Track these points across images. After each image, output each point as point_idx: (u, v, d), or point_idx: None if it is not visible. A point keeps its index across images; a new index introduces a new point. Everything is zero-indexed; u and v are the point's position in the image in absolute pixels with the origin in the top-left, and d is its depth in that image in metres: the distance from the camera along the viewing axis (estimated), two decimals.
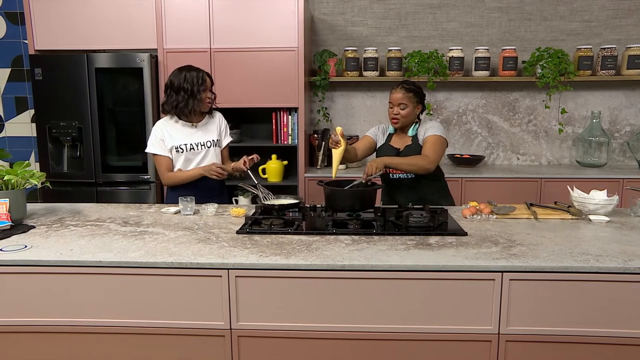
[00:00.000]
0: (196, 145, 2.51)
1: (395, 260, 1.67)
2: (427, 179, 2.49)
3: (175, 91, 2.45)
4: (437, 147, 2.40)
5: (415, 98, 2.46)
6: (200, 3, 3.41)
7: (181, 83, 2.44)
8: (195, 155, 2.52)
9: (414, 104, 2.46)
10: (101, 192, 3.55)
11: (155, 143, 2.50)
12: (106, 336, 1.74)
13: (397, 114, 2.45)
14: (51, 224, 2.14)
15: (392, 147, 2.54)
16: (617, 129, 3.93)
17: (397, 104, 2.45)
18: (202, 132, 2.55)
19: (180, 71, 2.47)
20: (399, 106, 2.44)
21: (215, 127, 2.61)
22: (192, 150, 2.50)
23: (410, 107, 2.45)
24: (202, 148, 2.53)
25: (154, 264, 1.68)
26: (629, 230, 2.03)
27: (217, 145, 2.59)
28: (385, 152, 2.54)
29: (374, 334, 1.69)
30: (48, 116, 3.47)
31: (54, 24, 3.49)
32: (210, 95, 2.52)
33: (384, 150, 2.56)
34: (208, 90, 2.50)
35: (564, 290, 1.64)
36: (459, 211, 2.34)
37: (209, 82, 2.50)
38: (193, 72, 2.46)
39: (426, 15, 3.88)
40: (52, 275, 1.71)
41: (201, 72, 2.48)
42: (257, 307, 1.70)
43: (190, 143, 2.50)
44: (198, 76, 2.45)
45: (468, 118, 3.99)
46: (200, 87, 2.45)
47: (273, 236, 1.94)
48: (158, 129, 2.50)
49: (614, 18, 3.79)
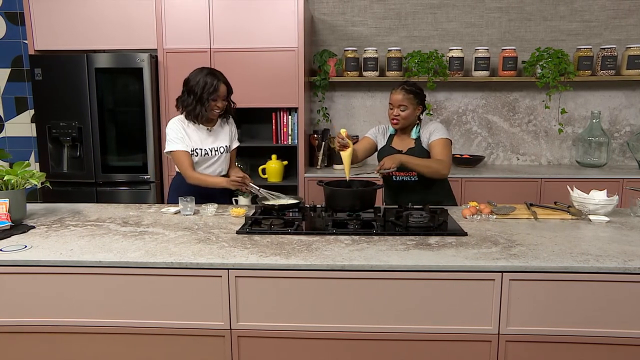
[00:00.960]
0: (210, 151, 2.49)
1: (395, 260, 1.67)
2: (431, 181, 2.48)
3: (187, 91, 2.42)
4: (448, 151, 2.43)
5: (416, 99, 2.45)
6: (200, 3, 3.41)
7: (194, 85, 2.39)
8: (208, 160, 2.51)
9: (414, 106, 2.45)
10: (101, 192, 3.55)
11: (176, 140, 2.43)
12: (106, 336, 1.74)
13: (397, 115, 2.45)
14: (51, 224, 2.14)
15: (394, 148, 2.53)
16: (617, 129, 3.93)
17: (397, 105, 2.44)
18: (215, 137, 2.52)
19: (199, 72, 2.41)
20: (399, 107, 2.44)
21: (228, 132, 2.59)
22: (206, 155, 2.49)
23: (410, 108, 2.44)
24: (215, 153, 2.51)
25: (154, 264, 1.68)
26: (629, 230, 2.03)
27: (227, 151, 2.59)
28: (387, 153, 2.52)
29: (374, 334, 1.69)
30: (48, 116, 3.47)
31: (54, 24, 3.49)
32: (221, 104, 2.43)
33: (386, 151, 2.54)
34: (220, 99, 2.41)
35: (564, 290, 1.64)
36: (459, 211, 2.34)
37: (222, 91, 2.41)
38: (209, 77, 2.38)
39: (426, 16, 3.88)
40: (52, 275, 1.71)
41: (216, 81, 2.39)
42: (257, 307, 1.70)
43: (205, 148, 2.47)
44: (211, 84, 2.37)
45: (468, 118, 3.99)
46: (211, 95, 2.38)
47: (273, 236, 1.94)
48: (176, 127, 2.44)
49: (614, 18, 3.80)
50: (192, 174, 2.42)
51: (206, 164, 2.51)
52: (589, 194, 2.29)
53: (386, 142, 2.59)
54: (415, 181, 2.48)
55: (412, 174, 2.47)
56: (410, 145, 2.50)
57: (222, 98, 2.43)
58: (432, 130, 2.47)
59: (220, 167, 2.57)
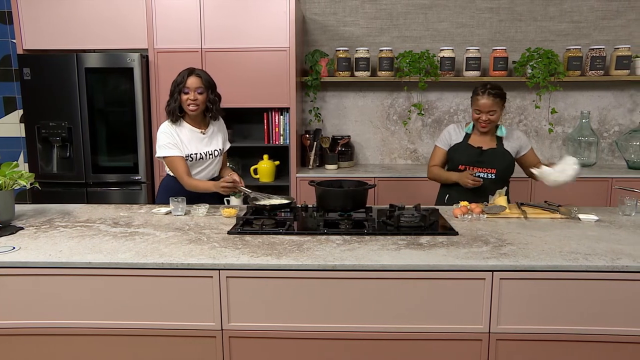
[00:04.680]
0: (205, 155, 2.47)
1: (386, 260, 1.67)
2: (501, 180, 2.53)
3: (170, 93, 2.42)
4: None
5: (502, 101, 2.49)
6: (191, 3, 3.40)
7: (172, 84, 2.40)
8: (202, 164, 2.49)
9: (501, 108, 2.49)
10: (91, 193, 3.52)
11: (169, 145, 2.38)
12: (96, 338, 1.73)
13: (486, 120, 2.48)
14: (40, 225, 2.12)
15: (472, 146, 2.56)
16: (606, 128, 3.96)
17: (486, 110, 2.46)
18: (209, 141, 2.50)
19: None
20: (489, 113, 2.46)
21: (221, 134, 2.58)
22: (201, 159, 2.47)
23: (498, 112, 2.49)
24: (209, 157, 2.50)
25: (145, 265, 1.67)
26: (617, 229, 2.05)
27: (220, 154, 2.58)
28: (464, 149, 2.56)
29: (365, 334, 1.70)
30: (37, 116, 3.43)
31: (43, 23, 3.46)
32: (193, 97, 2.35)
33: (464, 147, 2.57)
34: (192, 92, 2.35)
35: (553, 288, 1.66)
36: (450, 211, 2.35)
37: (191, 83, 2.34)
38: (182, 73, 2.38)
39: (417, 16, 3.89)
40: (41, 277, 1.70)
41: (185, 72, 2.36)
42: (248, 307, 1.70)
43: (200, 152, 2.45)
44: (181, 75, 2.36)
45: (459, 118, 4.00)
46: (179, 86, 2.35)
47: (264, 236, 1.94)
48: (168, 131, 2.40)
49: (603, 19, 3.83)
50: (189, 180, 2.38)
51: (199, 167, 2.49)
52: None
53: (463, 139, 2.60)
54: (492, 179, 2.50)
55: (492, 171, 2.52)
56: (492, 145, 2.55)
57: (193, 90, 2.35)
58: (524, 142, 2.60)
59: (213, 170, 2.56)
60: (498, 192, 2.38)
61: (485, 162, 2.52)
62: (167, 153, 2.39)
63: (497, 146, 2.55)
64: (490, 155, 2.53)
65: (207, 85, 2.41)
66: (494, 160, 2.53)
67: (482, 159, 2.53)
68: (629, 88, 3.87)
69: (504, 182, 2.57)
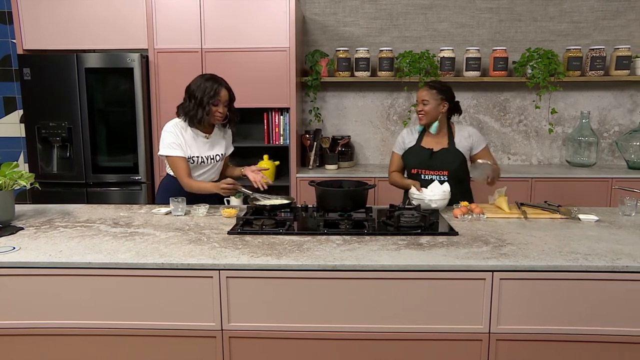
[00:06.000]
0: (206, 159, 2.48)
1: (386, 260, 1.67)
2: (456, 181, 2.51)
3: (189, 96, 2.39)
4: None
5: (439, 95, 2.51)
6: (192, 3, 3.40)
7: (195, 90, 2.37)
8: (203, 167, 2.50)
9: (437, 100, 2.51)
10: (91, 193, 3.52)
11: (172, 144, 2.39)
12: (96, 338, 1.73)
13: (420, 110, 2.53)
14: (40, 225, 2.12)
15: (424, 148, 2.57)
16: (606, 128, 3.96)
17: (420, 100, 2.53)
18: (212, 145, 2.51)
19: (201, 78, 2.40)
20: (422, 102, 2.52)
21: (225, 139, 2.59)
22: (202, 163, 2.48)
23: (432, 103, 2.50)
24: (211, 162, 2.51)
25: (145, 265, 1.67)
26: (617, 230, 2.05)
27: (222, 159, 2.59)
28: (416, 153, 2.57)
29: (365, 334, 1.70)
30: (37, 116, 3.43)
31: (43, 23, 3.46)
32: (222, 110, 2.39)
33: (416, 150, 2.58)
34: (222, 104, 2.38)
35: (553, 288, 1.66)
36: (450, 211, 2.35)
37: (223, 96, 2.37)
38: (210, 82, 2.36)
39: (417, 16, 3.89)
40: (41, 277, 1.70)
41: (217, 85, 2.36)
42: (248, 307, 1.70)
43: (201, 156, 2.46)
44: (212, 87, 2.35)
45: (459, 118, 4.00)
46: (212, 99, 2.35)
47: (264, 237, 1.94)
48: (174, 131, 2.41)
49: (603, 19, 3.83)
50: (188, 181, 2.39)
51: (200, 171, 2.50)
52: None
53: (416, 142, 2.61)
54: (444, 180, 2.50)
55: (444, 173, 2.51)
56: (444, 146, 2.55)
57: (223, 103, 2.39)
58: (476, 140, 2.58)
59: (213, 174, 2.57)
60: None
61: (435, 165, 2.52)
62: (170, 152, 2.40)
63: (449, 146, 2.54)
64: (441, 156, 2.52)
65: (232, 98, 2.46)
66: (445, 162, 2.52)
67: (432, 161, 2.53)
68: (629, 88, 3.87)
69: (462, 182, 2.56)
